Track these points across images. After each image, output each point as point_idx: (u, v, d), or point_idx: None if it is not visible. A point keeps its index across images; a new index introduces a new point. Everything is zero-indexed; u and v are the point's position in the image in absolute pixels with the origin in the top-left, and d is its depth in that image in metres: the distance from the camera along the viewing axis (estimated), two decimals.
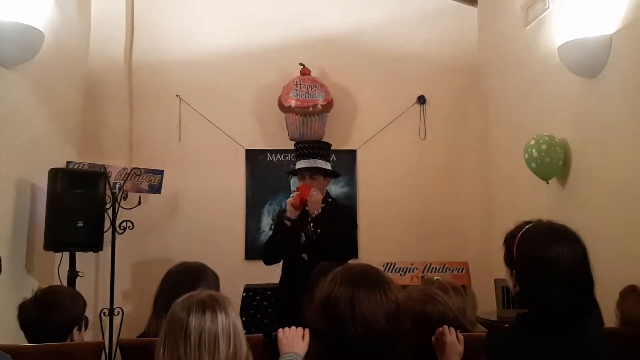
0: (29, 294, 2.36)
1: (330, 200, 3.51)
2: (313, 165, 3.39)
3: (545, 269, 1.69)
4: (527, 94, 4.20)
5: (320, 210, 3.32)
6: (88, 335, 3.78)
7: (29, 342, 2.21)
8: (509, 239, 1.82)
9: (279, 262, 3.40)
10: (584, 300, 1.71)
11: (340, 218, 3.45)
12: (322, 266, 2.63)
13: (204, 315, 1.50)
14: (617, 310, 2.42)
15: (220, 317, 1.52)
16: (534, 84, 4.08)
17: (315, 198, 3.22)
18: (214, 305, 1.54)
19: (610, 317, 2.57)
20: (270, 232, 3.73)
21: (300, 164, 3.42)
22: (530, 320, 1.75)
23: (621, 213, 3.09)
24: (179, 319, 1.51)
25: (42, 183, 3.61)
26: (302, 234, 3.35)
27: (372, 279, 1.59)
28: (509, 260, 1.82)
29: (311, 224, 3.38)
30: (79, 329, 2.29)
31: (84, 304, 2.39)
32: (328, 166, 3.46)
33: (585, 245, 1.78)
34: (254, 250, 5.01)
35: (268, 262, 3.43)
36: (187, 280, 2.16)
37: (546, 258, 1.70)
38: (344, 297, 1.55)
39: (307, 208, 3.38)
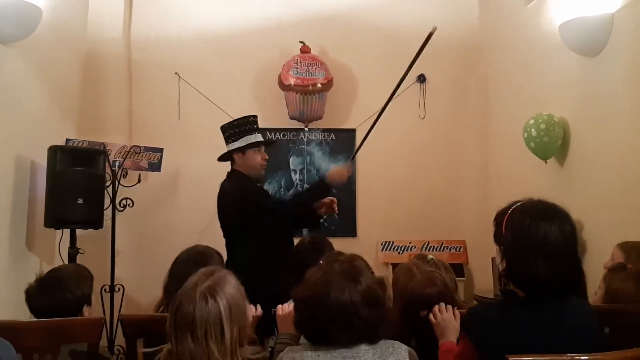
0: (30, 271, 2.39)
1: None
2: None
3: (533, 246, 1.71)
4: (527, 73, 4.19)
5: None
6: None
7: None
8: (499, 216, 1.84)
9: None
10: (570, 278, 1.73)
11: None
12: (304, 241, 2.80)
13: (207, 306, 1.61)
14: (602, 283, 2.45)
15: (222, 304, 1.62)
16: (535, 62, 4.06)
17: None
18: (213, 294, 1.63)
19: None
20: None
21: (249, 140, 3.38)
22: (513, 295, 1.78)
23: (619, 192, 3.10)
24: (184, 313, 1.61)
25: (42, 160, 3.61)
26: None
27: (343, 283, 1.67)
28: (498, 237, 1.84)
29: None
30: (89, 305, 2.32)
31: (90, 280, 2.40)
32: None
33: (575, 224, 1.79)
34: None
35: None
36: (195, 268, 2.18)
37: (534, 235, 1.72)
38: (317, 303, 1.67)
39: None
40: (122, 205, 4.35)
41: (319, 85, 4.85)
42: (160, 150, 4.53)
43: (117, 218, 4.28)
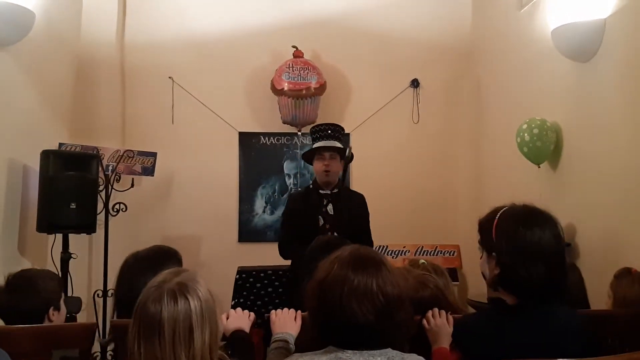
0: None
1: (343, 186, 3.57)
2: (332, 145, 3.42)
3: (529, 251, 1.72)
4: (520, 78, 4.21)
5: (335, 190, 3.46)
6: (82, 317, 3.81)
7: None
8: (487, 223, 1.84)
9: None
10: (560, 279, 1.75)
11: (357, 210, 3.51)
12: (319, 240, 2.64)
13: (176, 306, 1.44)
14: (611, 291, 2.46)
15: (193, 305, 1.46)
16: (527, 67, 4.08)
17: None
18: (184, 293, 1.47)
19: (599, 298, 2.61)
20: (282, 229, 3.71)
21: (319, 144, 3.45)
22: (502, 303, 1.78)
23: (611, 197, 3.11)
24: (151, 314, 1.44)
25: (35, 165, 3.59)
26: (320, 217, 3.38)
27: (369, 267, 1.56)
28: (486, 244, 1.84)
29: (328, 206, 3.41)
30: (57, 309, 2.29)
31: (59, 283, 2.38)
32: (337, 145, 3.50)
33: (562, 228, 1.82)
34: (248, 233, 5.04)
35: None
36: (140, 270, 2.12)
37: (529, 240, 1.73)
38: (337, 283, 1.54)
39: (321, 191, 3.43)
40: (115, 209, 4.33)
41: (312, 89, 4.85)
42: (154, 155, 4.52)
43: (111, 223, 4.26)
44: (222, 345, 1.60)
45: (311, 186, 3.57)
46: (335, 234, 3.33)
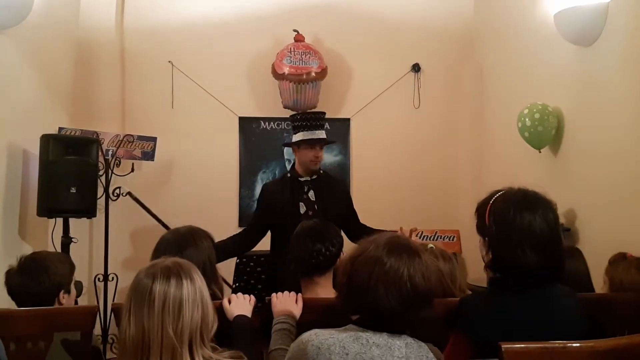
0: None
1: (322, 172, 3.54)
2: (317, 137, 3.41)
3: (519, 236, 1.72)
4: (522, 63, 4.18)
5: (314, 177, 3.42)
6: (83, 300, 3.83)
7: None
8: (481, 207, 1.85)
9: None
10: (555, 264, 1.74)
11: (340, 195, 3.50)
12: (304, 225, 2.62)
13: (169, 281, 1.48)
14: (606, 277, 2.46)
15: (185, 284, 1.50)
16: (529, 52, 4.06)
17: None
18: (178, 271, 1.51)
19: (598, 282, 2.62)
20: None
21: (303, 136, 3.42)
22: (500, 283, 1.79)
23: (613, 182, 3.11)
24: (143, 286, 1.49)
25: (35, 149, 3.59)
26: (301, 204, 3.38)
27: (403, 254, 1.57)
28: (480, 228, 1.84)
29: (309, 193, 3.40)
30: (67, 292, 2.31)
31: (70, 267, 2.41)
32: (325, 136, 3.48)
33: (557, 211, 1.80)
34: (248, 218, 5.03)
35: None
36: (175, 247, 2.16)
37: (518, 224, 1.72)
38: (369, 263, 1.56)
39: (300, 178, 3.41)
40: (115, 194, 4.34)
41: (313, 74, 4.83)
42: (154, 139, 4.51)
43: (111, 207, 4.27)
44: (213, 338, 1.60)
45: (289, 174, 3.53)
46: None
